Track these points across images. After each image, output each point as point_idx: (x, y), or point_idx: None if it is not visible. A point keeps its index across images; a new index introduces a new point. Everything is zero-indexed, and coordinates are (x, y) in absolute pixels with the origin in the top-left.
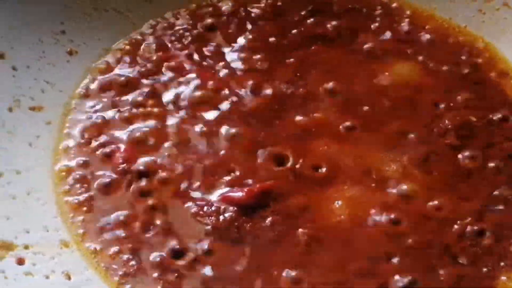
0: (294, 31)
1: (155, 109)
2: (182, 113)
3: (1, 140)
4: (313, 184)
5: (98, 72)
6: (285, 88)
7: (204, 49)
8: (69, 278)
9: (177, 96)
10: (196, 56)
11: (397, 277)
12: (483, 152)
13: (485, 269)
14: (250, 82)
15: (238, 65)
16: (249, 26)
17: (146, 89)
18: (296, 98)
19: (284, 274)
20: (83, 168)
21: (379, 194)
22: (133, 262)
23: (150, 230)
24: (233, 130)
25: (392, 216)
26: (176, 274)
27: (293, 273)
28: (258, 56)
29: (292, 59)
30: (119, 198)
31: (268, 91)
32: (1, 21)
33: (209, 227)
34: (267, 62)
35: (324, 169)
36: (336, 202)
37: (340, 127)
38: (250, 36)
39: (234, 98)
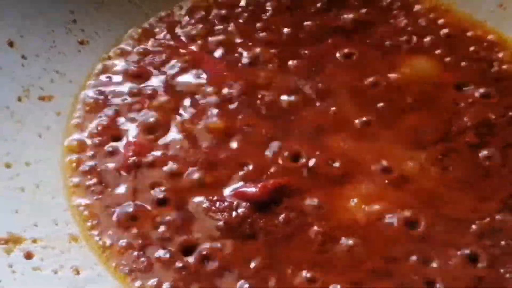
0: (310, 23)
1: (167, 101)
2: (194, 106)
3: (10, 130)
4: (328, 181)
5: (110, 61)
6: (301, 82)
7: (218, 41)
8: (78, 273)
9: (190, 88)
10: (209, 48)
11: (414, 277)
12: (502, 151)
13: (504, 270)
14: (265, 76)
15: (252, 58)
16: (264, 18)
17: (158, 81)
18: (311, 92)
19: (298, 272)
20: (93, 160)
21: (395, 192)
22: (143, 258)
23: (160, 225)
24: (247, 125)
25: (409, 214)
26: (187, 271)
27: (308, 272)
28: (273, 50)
29: (307, 52)
30: (130, 192)
31: (283, 85)
32: (11, 9)
33: (221, 223)
34: (282, 55)
35: (339, 166)
36: (352, 199)
37: (356, 122)
38: (265, 29)
39: (248, 92)
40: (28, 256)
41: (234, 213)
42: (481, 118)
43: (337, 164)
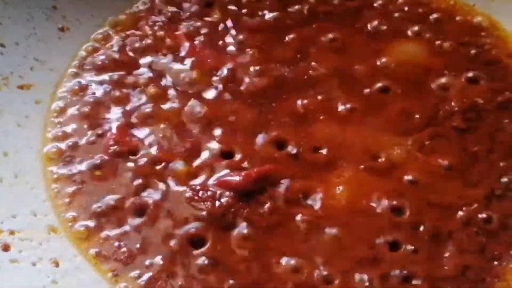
0: (296, 7)
1: (150, 89)
2: (178, 92)
3: None
4: (313, 169)
5: (91, 49)
6: (286, 68)
7: (201, 27)
8: (57, 265)
9: (174, 75)
10: (193, 34)
11: (400, 265)
12: (490, 136)
13: (492, 258)
14: (250, 62)
15: (236, 43)
16: (248, 4)
17: (141, 68)
18: (296, 78)
19: (282, 262)
20: (74, 150)
21: (381, 179)
22: (124, 249)
23: (142, 216)
24: (231, 112)
25: (395, 202)
26: (169, 261)
27: (292, 261)
28: (258, 34)
29: (293, 37)
30: (110, 181)
31: (268, 72)
32: None
33: (204, 212)
34: (267, 40)
35: (324, 153)
36: (337, 187)
37: (342, 108)
38: (250, 13)
39: (233, 79)
40: (5, 248)
41: (217, 203)
42: (468, 103)
43: (322, 151)
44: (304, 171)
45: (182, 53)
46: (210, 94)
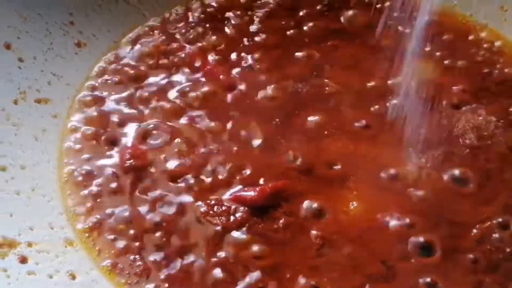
0: (310, 25)
1: (165, 104)
2: (192, 108)
3: (6, 133)
4: (327, 185)
5: (107, 64)
6: (300, 85)
7: (215, 43)
8: (74, 278)
9: (188, 91)
10: (206, 51)
11: (415, 281)
12: (503, 154)
13: (505, 276)
14: (263, 79)
15: (250, 60)
16: (262, 20)
17: (155, 84)
18: (310, 95)
19: (297, 278)
20: (90, 163)
21: (396, 196)
22: (139, 262)
23: (157, 229)
24: (245, 128)
25: (409, 219)
26: (184, 275)
27: (307, 277)
28: (271, 52)
29: (306, 54)
30: (126, 195)
31: (282, 88)
32: (8, 11)
33: (219, 227)
34: (281, 57)
35: (338, 169)
36: (351, 203)
37: (357, 125)
38: (264, 31)
39: (247, 95)
40: (23, 260)
41: (232, 218)
42: (481, 121)
43: (336, 167)
44: (318, 187)
45: (195, 69)
46: (222, 110)
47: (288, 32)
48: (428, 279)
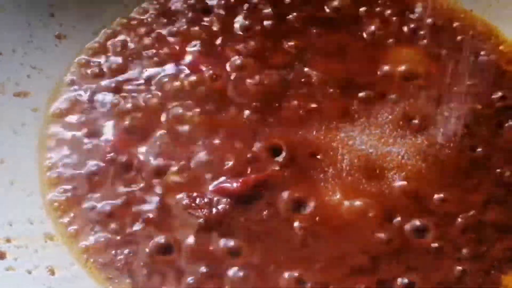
0: (293, 14)
1: (147, 96)
2: (174, 100)
3: None
4: (311, 175)
5: (88, 57)
6: (283, 74)
7: (198, 34)
8: (53, 273)
9: (170, 83)
10: (190, 42)
11: (397, 271)
12: (488, 141)
13: (490, 264)
14: (247, 69)
15: (233, 50)
16: (245, 9)
17: (137, 76)
18: (293, 85)
19: (280, 270)
20: (70, 157)
21: (379, 186)
22: (121, 257)
23: (139, 223)
24: (228, 119)
25: (393, 209)
26: (166, 270)
27: (290, 269)
28: (255, 41)
29: (290, 44)
30: (107, 189)
31: (265, 78)
32: None
33: (201, 220)
34: (264, 47)
35: (321, 160)
36: (334, 194)
37: (340, 114)
38: (246, 20)
39: (229, 86)
40: (1, 256)
41: (214, 210)
42: (467, 109)
43: (319, 159)
44: (301, 177)
45: (180, 61)
46: (205, 100)
47: (272, 21)
48: (413, 269)
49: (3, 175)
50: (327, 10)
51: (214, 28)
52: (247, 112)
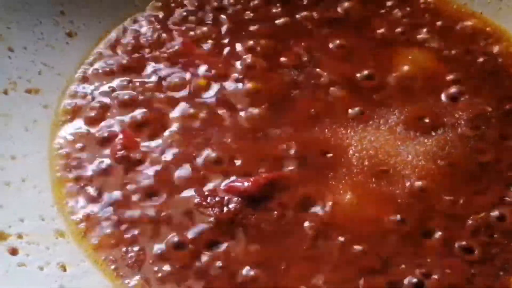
0: (304, 13)
1: (158, 94)
2: (186, 98)
3: None
4: (322, 175)
5: (99, 54)
6: (293, 75)
7: (209, 33)
8: (65, 269)
9: (181, 81)
10: (200, 41)
11: (408, 273)
12: (498, 144)
13: (500, 267)
14: (257, 68)
15: (245, 49)
16: (257, 9)
17: (148, 73)
18: (304, 84)
19: (290, 269)
20: (81, 154)
21: (390, 187)
22: (132, 254)
23: (150, 221)
24: (239, 117)
25: (403, 210)
26: (177, 267)
27: (300, 269)
28: (266, 41)
29: (300, 44)
30: (118, 186)
31: (275, 77)
32: None
33: (212, 218)
34: (275, 47)
35: (332, 160)
36: (345, 194)
37: (350, 114)
38: (258, 20)
39: (240, 84)
40: (13, 252)
41: (225, 209)
42: (476, 111)
43: (329, 157)
44: (312, 177)
45: (191, 60)
46: (216, 99)
47: (283, 20)
48: (423, 270)
49: (15, 172)
50: (339, 11)
51: (225, 27)
52: (257, 111)
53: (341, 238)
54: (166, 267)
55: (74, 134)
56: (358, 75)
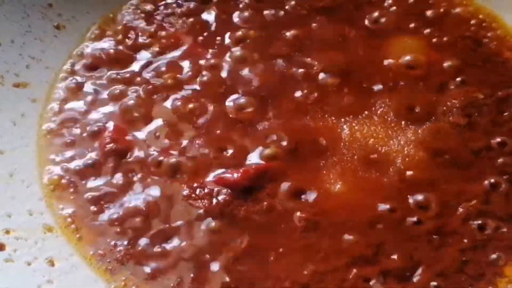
0: (293, 3)
1: (146, 86)
2: (174, 90)
3: None
4: (311, 165)
5: (87, 47)
6: (284, 64)
7: (198, 23)
8: (53, 264)
9: (170, 73)
10: (189, 30)
11: (398, 262)
12: (490, 131)
13: (491, 253)
14: (248, 58)
15: (233, 40)
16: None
17: (136, 65)
18: (294, 74)
19: (281, 259)
20: (70, 147)
21: (380, 175)
22: (120, 248)
23: (139, 214)
24: (228, 109)
25: (394, 199)
26: (166, 260)
27: (291, 259)
28: (254, 31)
29: (290, 34)
30: (107, 180)
31: (266, 67)
32: None
33: (201, 210)
34: (264, 36)
35: (322, 150)
36: (335, 184)
37: (341, 103)
38: (246, 9)
39: (229, 75)
40: (0, 247)
41: (214, 200)
42: (468, 98)
43: (320, 148)
44: (302, 166)
45: (180, 51)
46: (205, 90)
47: (273, 11)
48: (415, 258)
49: (3, 166)
50: (328, 1)
51: (215, 18)
52: (247, 102)
53: (331, 228)
54: (156, 261)
55: (62, 128)
56: (349, 64)
